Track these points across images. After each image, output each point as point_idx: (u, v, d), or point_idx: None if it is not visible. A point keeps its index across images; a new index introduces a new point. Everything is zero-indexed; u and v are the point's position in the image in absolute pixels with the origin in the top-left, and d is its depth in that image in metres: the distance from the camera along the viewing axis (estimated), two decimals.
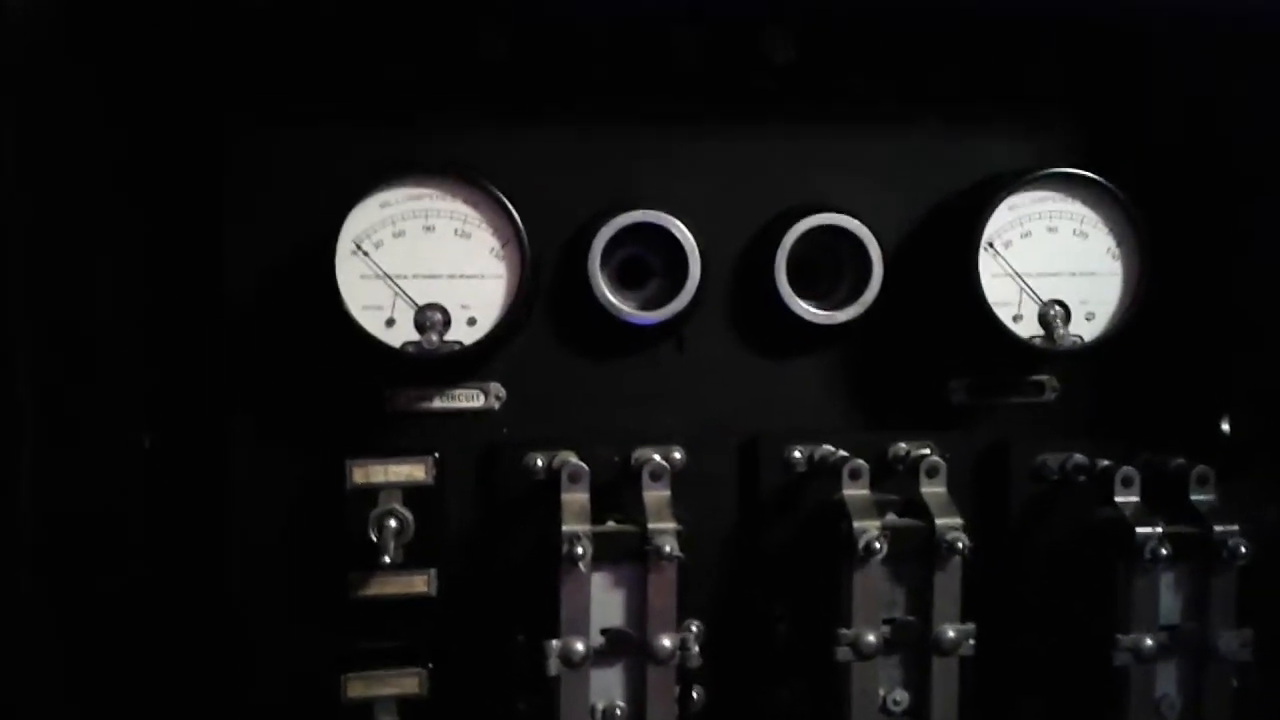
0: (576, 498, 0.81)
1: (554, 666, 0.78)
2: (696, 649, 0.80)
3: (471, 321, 0.81)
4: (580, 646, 0.78)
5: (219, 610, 0.86)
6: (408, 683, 0.84)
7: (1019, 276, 0.88)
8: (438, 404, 0.87)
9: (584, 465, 0.82)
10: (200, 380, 0.86)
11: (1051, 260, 0.88)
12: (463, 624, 0.86)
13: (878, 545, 0.80)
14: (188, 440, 0.88)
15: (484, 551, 0.86)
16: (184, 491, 0.86)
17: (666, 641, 0.79)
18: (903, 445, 0.90)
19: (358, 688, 0.83)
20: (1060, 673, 0.88)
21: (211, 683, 0.86)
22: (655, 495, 0.82)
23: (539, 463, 0.85)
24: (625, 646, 0.80)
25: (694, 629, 0.85)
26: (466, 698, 0.85)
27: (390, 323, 0.80)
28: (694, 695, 0.87)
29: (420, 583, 0.84)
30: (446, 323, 0.81)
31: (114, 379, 0.83)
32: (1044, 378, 0.94)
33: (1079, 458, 0.90)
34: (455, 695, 0.85)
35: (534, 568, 0.82)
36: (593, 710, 0.80)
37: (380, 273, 0.80)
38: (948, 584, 0.81)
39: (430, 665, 0.85)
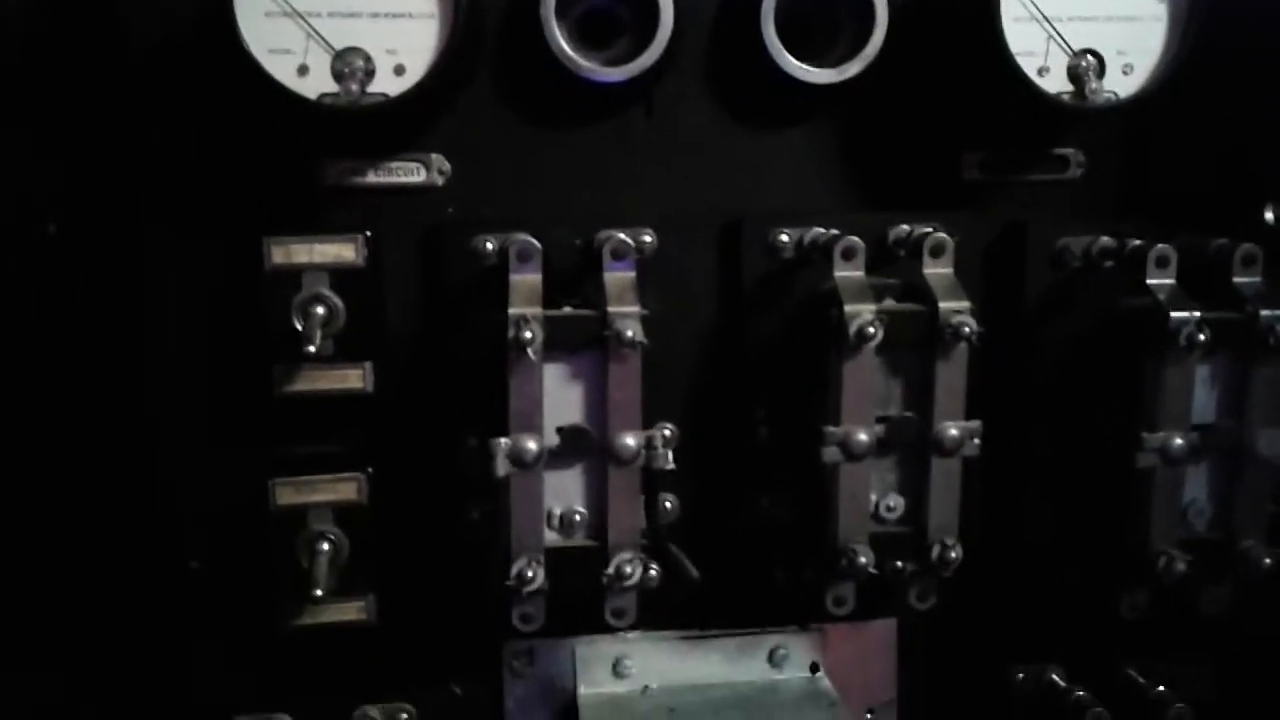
0: (526, 279, 0.70)
1: (502, 466, 0.68)
2: (667, 451, 0.70)
3: (399, 70, 0.69)
4: (532, 444, 0.68)
5: (133, 412, 0.75)
6: (344, 488, 0.75)
7: (1046, 21, 0.74)
8: (372, 178, 0.76)
9: (535, 242, 0.71)
10: (108, 157, 0.74)
11: (1085, 1, 0.74)
12: (405, 425, 0.77)
13: (871, 330, 0.69)
14: (96, 226, 0.76)
15: (427, 346, 0.76)
16: (93, 283, 0.76)
17: (630, 440, 0.69)
18: (905, 227, 0.78)
19: (288, 494, 0.74)
20: (1074, 477, 0.79)
21: (130, 495, 0.76)
22: (618, 277, 0.72)
23: (489, 246, 0.74)
24: (584, 446, 0.71)
25: (666, 433, 0.75)
26: (411, 505, 0.76)
27: (303, 70, 0.68)
28: (666, 505, 0.77)
29: (354, 378, 0.74)
30: (369, 72, 0.68)
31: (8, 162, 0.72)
32: (1068, 151, 0.82)
33: (1106, 240, 0.78)
34: (398, 502, 0.76)
35: (483, 364, 0.72)
36: (549, 515, 0.71)
37: (288, 9, 0.67)
38: (951, 376, 0.71)
39: (369, 470, 0.74)
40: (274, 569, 0.74)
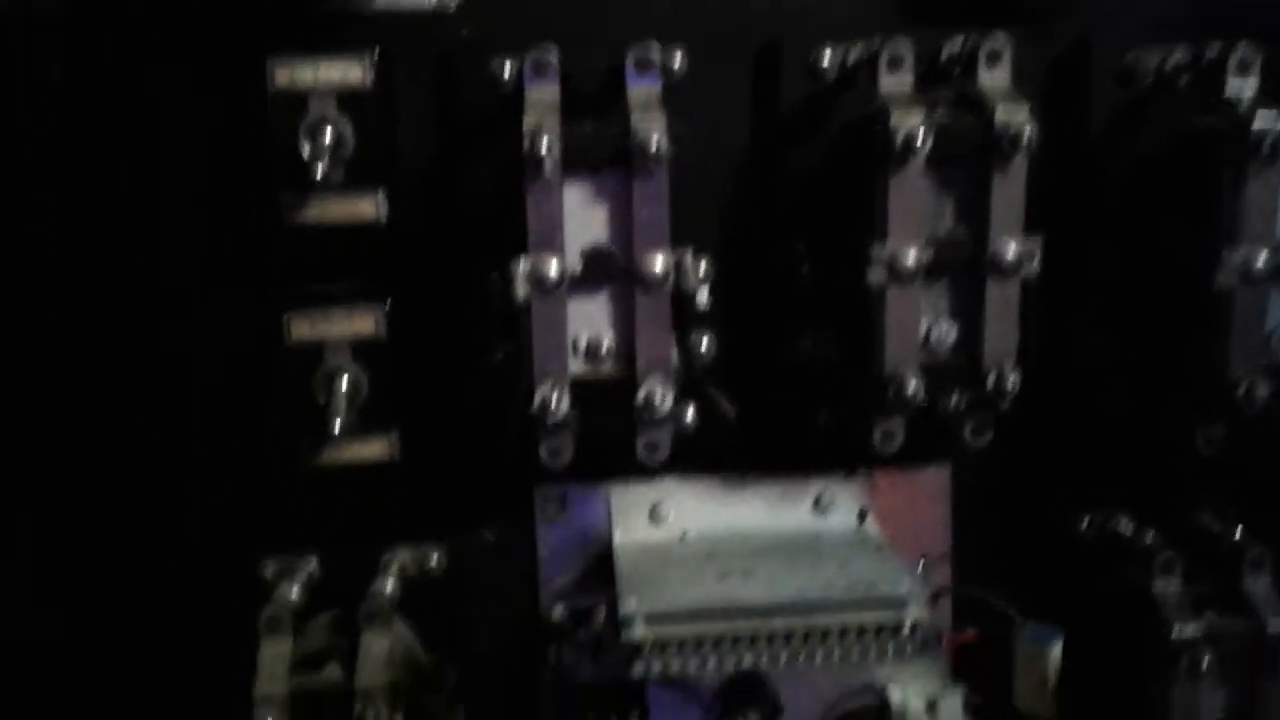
0: (543, 92, 0.65)
1: (522, 290, 0.64)
2: (697, 273, 0.65)
3: None
4: (553, 266, 0.64)
5: (138, 247, 0.72)
6: (361, 322, 0.71)
7: None
8: (383, 3, 0.70)
9: (552, 56, 0.65)
10: None
11: None
12: (423, 258, 0.73)
13: (920, 139, 0.63)
14: (97, 59, 0.72)
15: (443, 176, 0.72)
16: (96, 120, 0.72)
17: (657, 261, 0.64)
18: (959, 38, 0.71)
19: (304, 328, 0.70)
20: (1143, 303, 0.72)
21: (137, 333, 0.74)
22: (642, 90, 0.66)
23: (506, 69, 0.68)
24: (609, 270, 0.66)
25: (703, 264, 0.70)
26: (432, 341, 0.72)
27: None
28: (703, 345, 0.73)
29: (366, 206, 0.69)
30: None
31: None
32: None
33: (1180, 55, 0.70)
34: (418, 337, 0.72)
35: (503, 193, 0.67)
36: (574, 344, 0.67)
37: None
38: (1009, 190, 0.65)
39: (386, 303, 0.71)
40: (291, 407, 0.71)
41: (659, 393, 0.66)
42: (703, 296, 0.71)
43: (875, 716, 0.84)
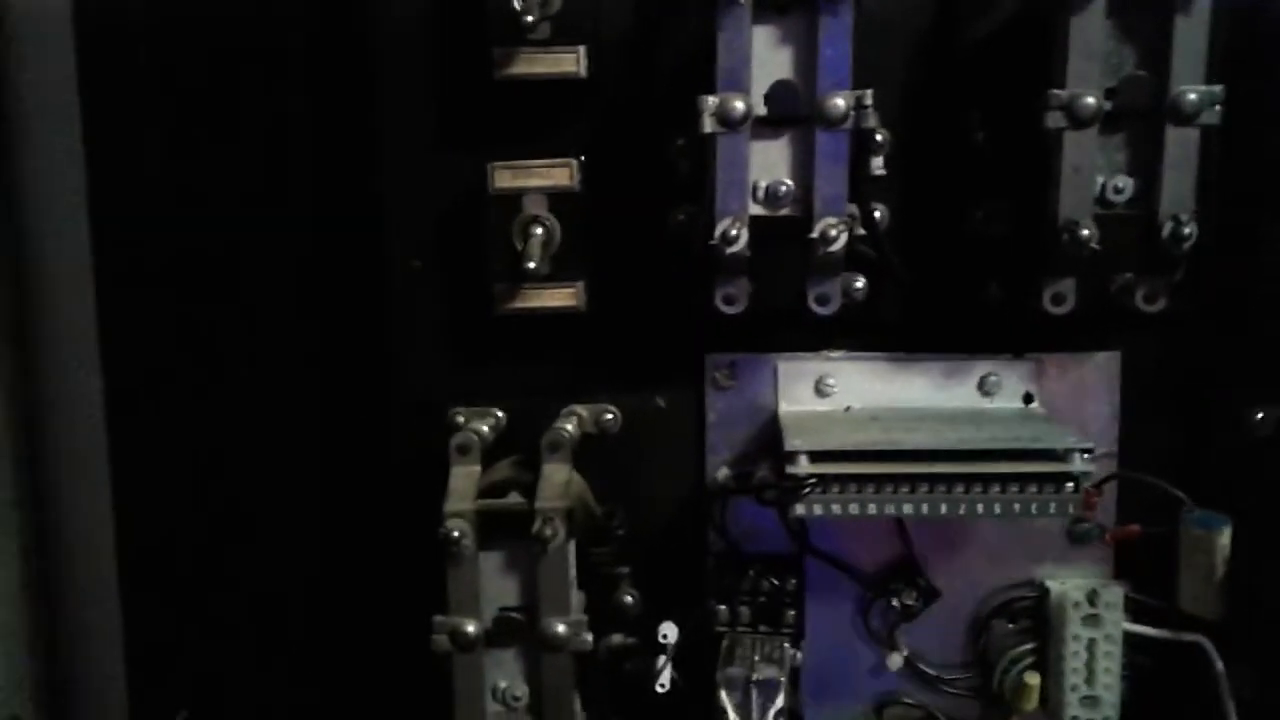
0: None
1: (709, 124, 0.69)
2: (877, 118, 0.69)
3: None
4: (739, 103, 0.69)
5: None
6: (558, 174, 0.76)
7: None
8: None
9: None
10: None
11: None
12: (620, 115, 0.78)
13: None
14: None
15: (643, 34, 0.77)
16: None
17: (839, 98, 0.68)
18: None
19: (505, 178, 0.77)
20: None
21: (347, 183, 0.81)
22: None
23: None
24: (792, 104, 0.70)
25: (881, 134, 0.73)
26: (624, 198, 0.78)
27: None
28: (876, 214, 0.76)
29: (568, 61, 0.75)
30: None
31: None
32: None
33: None
34: (609, 191, 0.77)
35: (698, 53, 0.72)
36: (754, 188, 0.71)
37: None
38: (1192, 33, 0.66)
39: (583, 157, 0.76)
40: (490, 251, 0.77)
41: (835, 229, 0.69)
42: (878, 164, 0.74)
43: (1033, 609, 0.83)
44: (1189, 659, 0.80)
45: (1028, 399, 0.81)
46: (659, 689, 0.78)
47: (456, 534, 0.71)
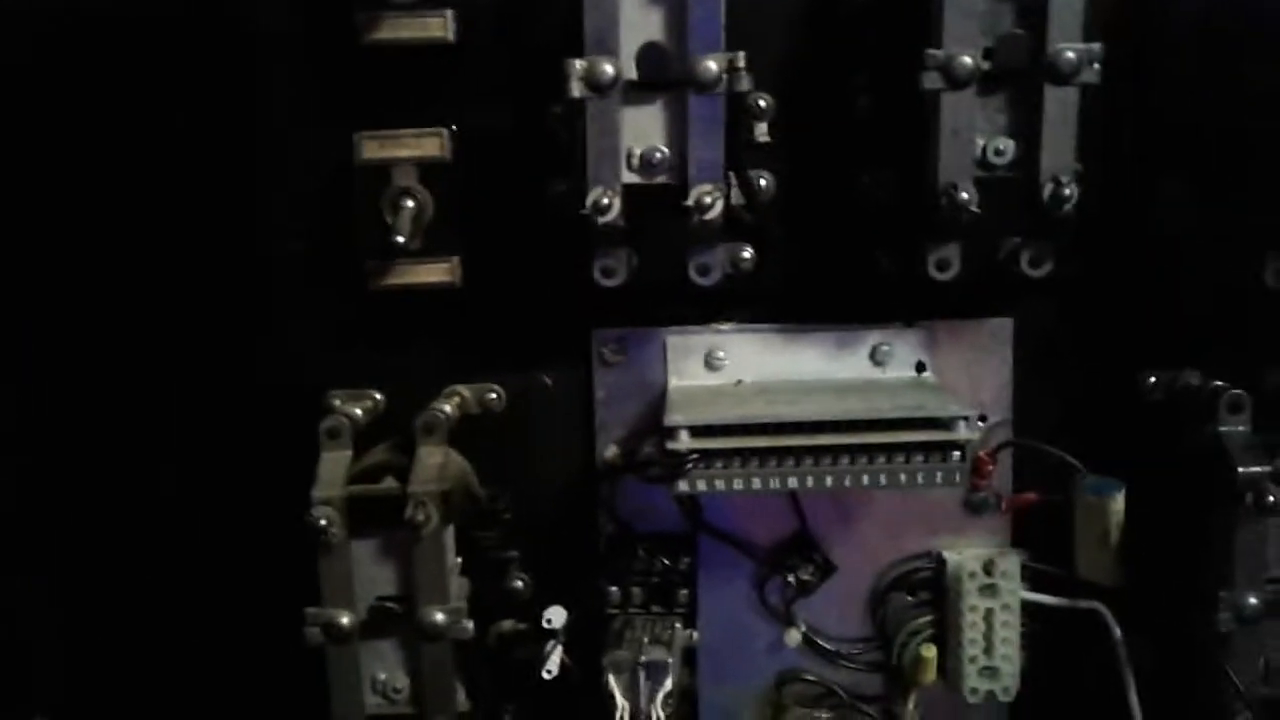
0: None
1: (577, 89, 0.66)
2: (751, 80, 0.66)
3: None
4: (608, 66, 0.66)
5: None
6: (428, 144, 0.74)
7: None
8: None
9: None
10: None
11: None
12: (491, 84, 0.75)
13: None
14: None
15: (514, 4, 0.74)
16: None
17: (711, 61, 0.65)
18: None
19: (373, 149, 0.74)
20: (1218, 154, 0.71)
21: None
22: None
23: None
24: (662, 68, 0.68)
25: (763, 101, 0.71)
26: (497, 170, 0.75)
27: None
28: (762, 182, 0.73)
29: (436, 27, 0.72)
30: None
31: None
32: None
33: None
34: (483, 162, 0.74)
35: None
36: (628, 155, 0.69)
37: None
38: None
39: (453, 127, 0.73)
40: (360, 225, 0.73)
41: (710, 196, 0.67)
42: (761, 131, 0.72)
43: (931, 580, 0.82)
44: (1088, 626, 0.79)
45: (920, 368, 0.80)
46: (546, 675, 0.76)
47: (324, 521, 0.69)
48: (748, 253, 0.74)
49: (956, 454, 0.69)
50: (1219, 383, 0.75)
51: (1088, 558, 0.79)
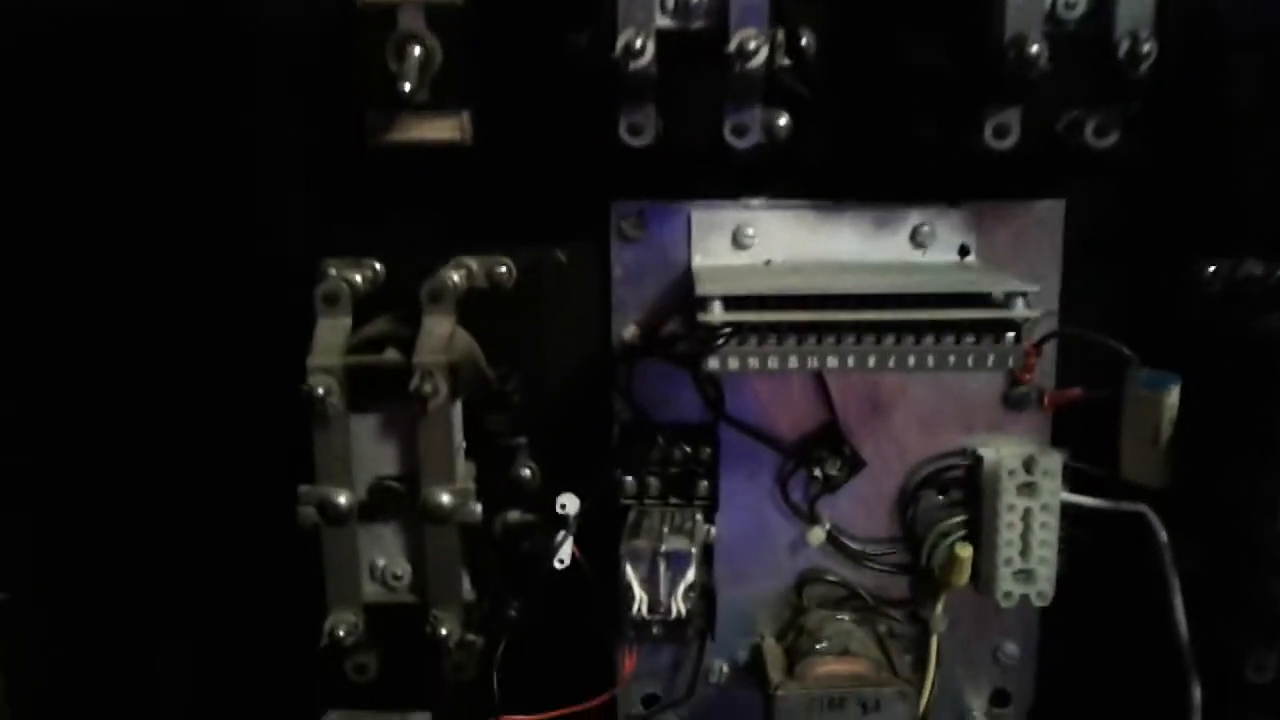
0: None
1: None
2: None
3: None
4: None
5: None
6: None
7: None
8: None
9: None
10: None
11: None
12: None
13: None
14: None
15: None
16: None
17: None
18: None
19: None
20: None
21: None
22: None
23: None
24: None
25: None
26: (512, 13, 0.68)
27: None
28: (803, 40, 0.67)
29: None
30: None
31: None
32: None
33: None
34: (498, 6, 0.68)
35: None
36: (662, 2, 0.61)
37: None
38: None
39: None
40: (361, 74, 0.67)
41: (753, 42, 0.60)
42: None
43: (965, 479, 0.77)
44: (1129, 531, 0.74)
45: (963, 251, 0.74)
46: (557, 564, 0.71)
47: (321, 390, 0.62)
48: (784, 120, 0.68)
49: (1011, 335, 0.63)
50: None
51: (1134, 458, 0.74)
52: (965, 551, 0.73)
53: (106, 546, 0.78)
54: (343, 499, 0.65)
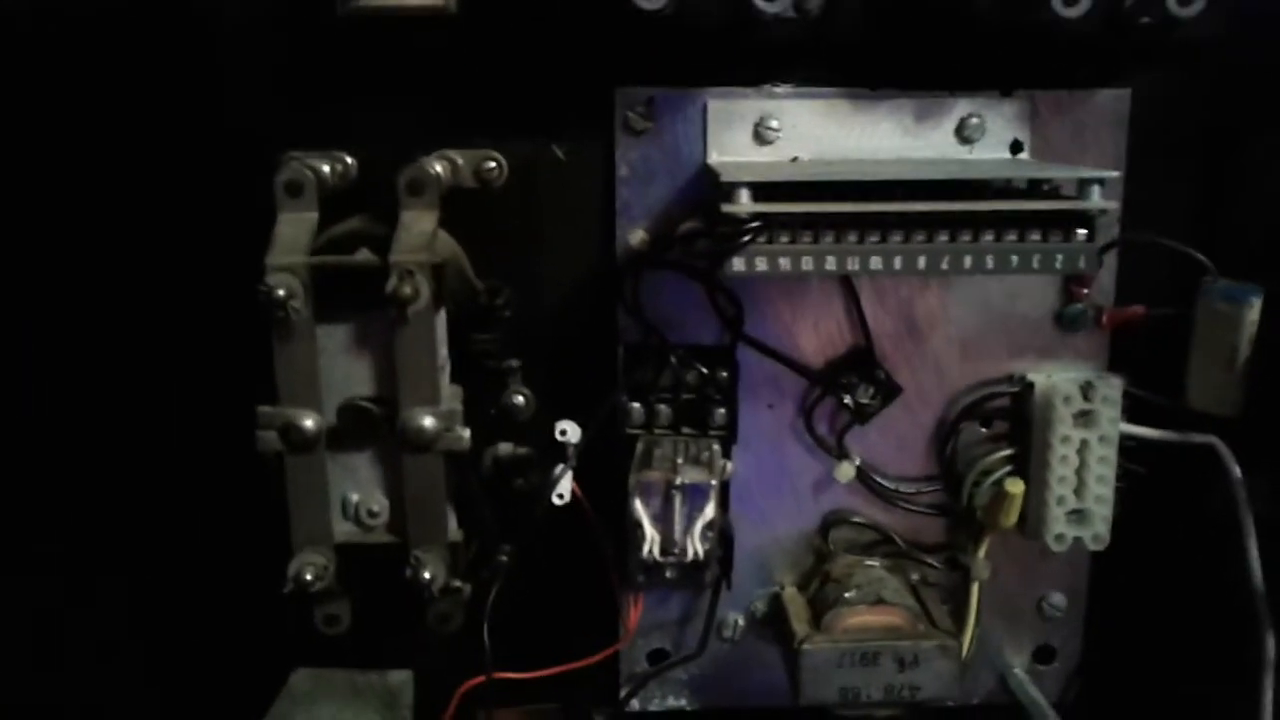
0: None
1: None
2: None
3: None
4: None
5: None
6: None
7: None
8: None
9: None
10: None
11: None
12: None
13: None
14: None
15: None
16: None
17: None
18: None
19: None
20: None
21: None
22: None
23: None
24: None
25: None
26: None
27: None
28: None
29: None
30: None
31: None
32: None
33: None
34: None
35: None
36: None
37: None
38: None
39: None
40: None
41: None
42: None
43: (1011, 409, 0.68)
44: (1195, 466, 0.66)
45: (1015, 147, 0.65)
46: (556, 500, 0.62)
47: (282, 292, 0.53)
48: None
49: (1083, 232, 0.54)
50: None
51: (1205, 382, 0.65)
52: (1017, 488, 0.65)
53: (37, 478, 0.68)
54: (309, 422, 0.56)
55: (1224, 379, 0.65)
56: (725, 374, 0.67)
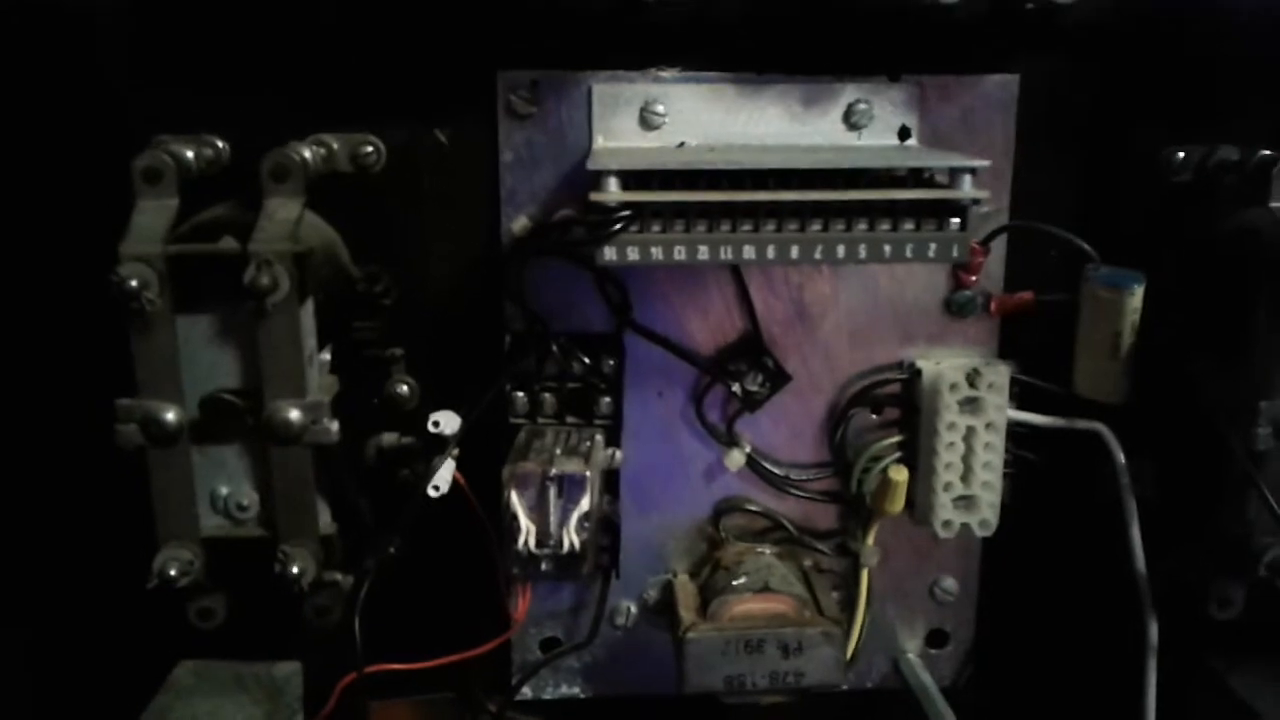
0: None
1: None
2: None
3: None
4: None
5: None
6: None
7: None
8: None
9: None
10: None
11: None
12: None
13: None
14: None
15: None
16: None
17: None
18: None
19: None
20: None
21: None
22: None
23: None
24: None
25: None
26: None
27: None
28: None
29: None
30: None
31: None
32: None
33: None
34: None
35: None
36: None
37: None
38: None
39: None
40: None
41: None
42: None
43: (901, 395, 0.68)
44: (1083, 452, 0.66)
45: (904, 134, 0.65)
46: (432, 492, 0.61)
47: (135, 283, 0.51)
48: None
49: (956, 221, 0.54)
50: (1267, 152, 0.60)
51: (1090, 369, 0.66)
52: (900, 475, 0.65)
53: None
54: (170, 415, 0.55)
55: (1108, 366, 0.65)
56: (612, 362, 0.66)
